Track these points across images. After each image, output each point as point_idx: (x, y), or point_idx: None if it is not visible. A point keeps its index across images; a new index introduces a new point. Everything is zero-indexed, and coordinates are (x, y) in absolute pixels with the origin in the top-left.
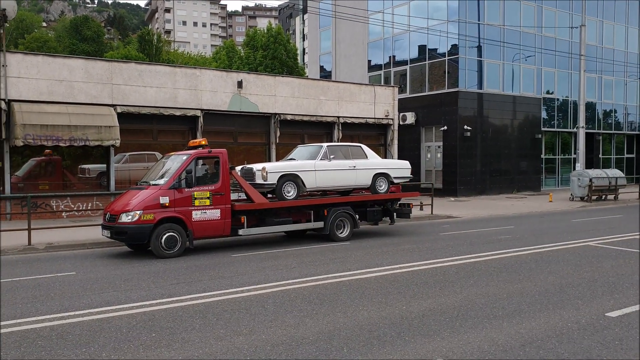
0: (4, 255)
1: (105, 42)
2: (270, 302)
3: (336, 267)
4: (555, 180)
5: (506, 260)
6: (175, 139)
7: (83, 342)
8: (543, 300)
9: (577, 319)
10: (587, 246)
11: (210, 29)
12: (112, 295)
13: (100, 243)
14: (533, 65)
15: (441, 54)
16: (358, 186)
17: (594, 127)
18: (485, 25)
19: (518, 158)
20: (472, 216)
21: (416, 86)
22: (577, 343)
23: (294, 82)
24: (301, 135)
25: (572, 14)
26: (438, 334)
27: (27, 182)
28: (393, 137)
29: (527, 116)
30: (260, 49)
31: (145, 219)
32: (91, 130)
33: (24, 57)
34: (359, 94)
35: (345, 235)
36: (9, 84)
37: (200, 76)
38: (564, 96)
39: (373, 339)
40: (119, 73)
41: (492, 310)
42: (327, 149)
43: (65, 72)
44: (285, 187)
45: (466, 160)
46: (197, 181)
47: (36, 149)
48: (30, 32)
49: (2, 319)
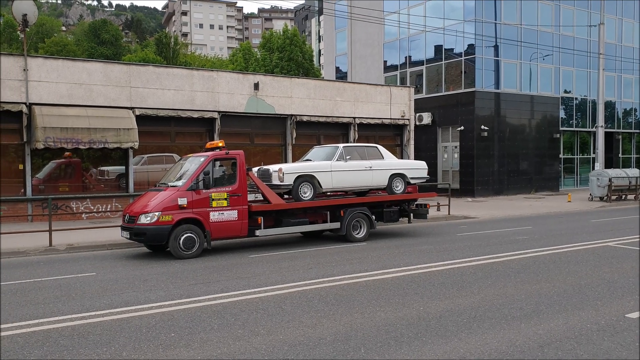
0: (26, 257)
1: (123, 46)
2: (287, 302)
3: (353, 268)
4: (574, 180)
5: (524, 260)
6: (192, 140)
7: (104, 342)
8: (562, 301)
9: (596, 320)
10: (607, 247)
11: (226, 31)
12: (131, 296)
13: (119, 244)
14: (551, 64)
15: (457, 53)
16: (374, 187)
17: (613, 127)
18: (502, 25)
19: (536, 158)
20: (489, 217)
21: (432, 86)
22: (597, 345)
23: (309, 83)
24: (317, 136)
25: (590, 12)
26: (456, 335)
27: (47, 184)
28: (409, 137)
29: (545, 116)
30: (276, 50)
31: (163, 220)
32: (110, 133)
33: (45, 61)
34: (375, 94)
35: (362, 235)
36: (30, 88)
37: (217, 78)
38: (582, 95)
39: (390, 339)
40: (137, 76)
41: (510, 311)
42: (343, 149)
43: (84, 76)
44: (302, 187)
45: (483, 160)
46: (214, 182)
47: (56, 152)
48: (50, 36)
49: (26, 318)
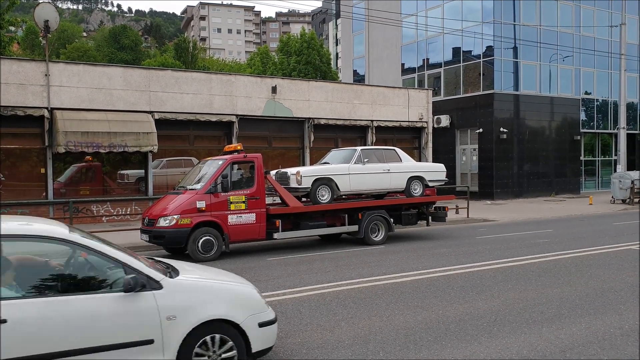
0: None
1: (142, 51)
2: (305, 305)
3: (371, 271)
4: (595, 183)
5: (545, 264)
6: (211, 144)
7: None
8: (584, 305)
9: (619, 324)
10: (630, 250)
11: (244, 35)
12: None
13: (139, 247)
14: (571, 65)
15: (476, 55)
16: (392, 189)
17: (635, 128)
18: (521, 26)
19: (556, 160)
20: (509, 220)
21: (450, 89)
22: (620, 349)
23: (327, 86)
24: (335, 139)
25: (611, 12)
26: (476, 339)
27: (68, 187)
28: (427, 140)
29: (565, 117)
30: (293, 54)
31: (182, 223)
32: (130, 137)
33: (66, 67)
34: (393, 97)
35: (380, 238)
36: (51, 93)
37: (235, 82)
38: (603, 97)
39: (409, 343)
40: (156, 80)
41: (531, 315)
42: (361, 152)
43: (104, 80)
44: (320, 190)
45: (502, 162)
46: (232, 186)
47: (77, 156)
48: (71, 42)
49: None
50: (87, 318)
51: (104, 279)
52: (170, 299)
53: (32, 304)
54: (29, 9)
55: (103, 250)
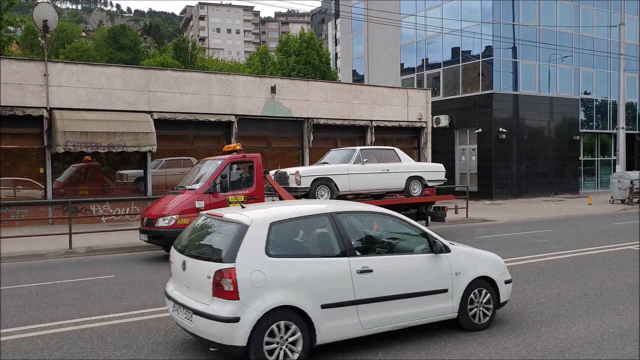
0: (46, 259)
1: (141, 50)
2: None
3: None
4: (595, 183)
5: (544, 264)
6: (210, 144)
7: (122, 344)
8: (583, 305)
9: (618, 324)
10: (629, 250)
11: (243, 35)
12: (150, 298)
13: (138, 247)
14: (570, 65)
15: (475, 55)
16: (391, 189)
17: (634, 128)
18: (520, 26)
19: (555, 160)
20: (508, 220)
21: (449, 89)
22: (620, 350)
23: (326, 86)
24: (334, 139)
25: (610, 12)
26: (475, 339)
27: (67, 187)
28: (426, 140)
29: (564, 117)
30: (293, 54)
31: (181, 223)
32: (129, 137)
33: (65, 67)
34: (392, 97)
35: None
36: (50, 93)
37: (234, 82)
38: (602, 97)
39: (408, 343)
40: (155, 80)
41: (530, 315)
42: (360, 152)
43: (103, 80)
44: (319, 190)
45: (502, 162)
46: (231, 185)
47: (76, 156)
48: (70, 42)
49: (45, 320)
50: (410, 271)
51: (417, 244)
52: (455, 260)
53: (383, 260)
54: (27, 8)
55: (417, 225)
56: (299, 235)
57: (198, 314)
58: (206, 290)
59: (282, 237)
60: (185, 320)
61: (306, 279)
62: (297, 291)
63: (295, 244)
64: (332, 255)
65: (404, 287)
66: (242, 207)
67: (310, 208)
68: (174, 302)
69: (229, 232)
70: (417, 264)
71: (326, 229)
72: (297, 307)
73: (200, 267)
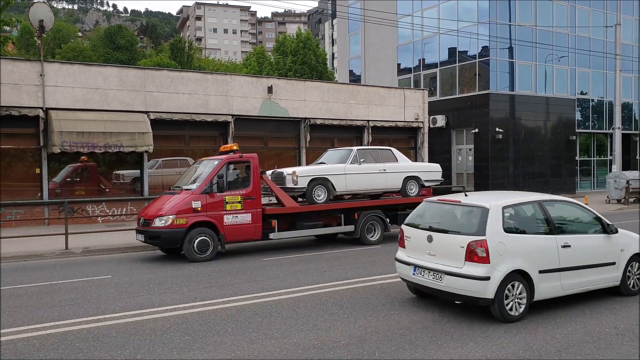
0: (42, 260)
1: (138, 51)
2: (301, 305)
3: (367, 271)
4: (591, 183)
5: None
6: (206, 144)
7: (118, 344)
8: (579, 304)
9: (615, 324)
10: None
11: (240, 35)
12: (146, 299)
13: (134, 247)
14: (566, 65)
15: (471, 56)
16: (388, 189)
17: (630, 128)
18: (517, 26)
19: (552, 160)
20: None
21: (446, 89)
22: (616, 349)
23: (323, 86)
24: (331, 139)
25: (606, 12)
26: (472, 339)
27: (63, 187)
28: (423, 140)
29: (560, 117)
30: (289, 54)
31: (178, 223)
32: (125, 137)
33: (61, 67)
34: (389, 97)
35: (376, 238)
36: (46, 93)
37: (231, 82)
38: (599, 97)
39: (405, 343)
40: (152, 80)
41: (527, 315)
42: (357, 152)
43: (100, 80)
44: (316, 190)
45: (498, 162)
46: (228, 186)
47: (72, 156)
48: (67, 42)
49: (42, 321)
50: (593, 247)
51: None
52: (620, 240)
53: (576, 238)
54: (23, 8)
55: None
56: (520, 217)
57: (450, 274)
58: (458, 256)
59: (510, 218)
60: (433, 280)
61: (529, 250)
62: (524, 259)
63: (518, 223)
64: (543, 233)
65: (589, 259)
66: (465, 195)
67: (523, 197)
68: (414, 267)
69: (474, 214)
70: (598, 241)
71: (535, 213)
72: (525, 271)
73: (451, 239)
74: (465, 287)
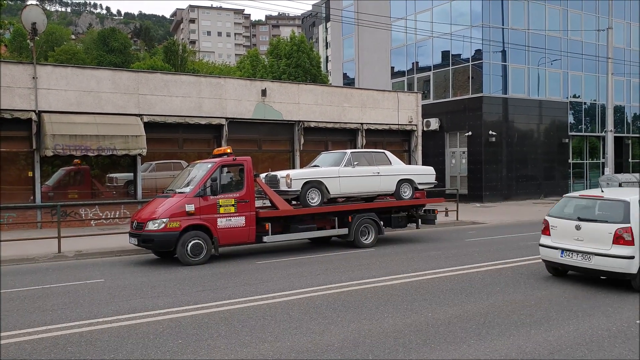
0: (35, 263)
1: (131, 53)
2: (295, 309)
3: (361, 274)
4: (584, 185)
5: (534, 266)
6: (200, 147)
7: (111, 349)
8: (572, 307)
9: (607, 326)
10: None
11: (234, 38)
12: (139, 302)
13: (127, 250)
14: (559, 69)
15: (465, 59)
16: (382, 192)
17: (622, 131)
18: (510, 30)
19: (545, 163)
20: (498, 222)
21: (440, 92)
22: (608, 351)
23: (317, 89)
24: (325, 142)
25: (598, 16)
26: (464, 342)
27: (56, 191)
28: (417, 143)
29: (553, 121)
30: (283, 57)
31: (171, 226)
32: (118, 140)
33: (54, 69)
34: (382, 100)
35: (370, 241)
36: (39, 96)
37: (225, 85)
38: (591, 100)
39: (398, 346)
40: (145, 83)
41: (520, 318)
42: (350, 155)
43: (93, 83)
44: (310, 193)
45: (492, 165)
46: (222, 189)
47: (65, 159)
48: (60, 44)
49: (34, 325)
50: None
51: None
52: None
53: None
54: (16, 11)
55: None
56: None
57: (599, 255)
58: (606, 241)
59: None
60: (583, 260)
61: None
62: None
63: None
64: None
65: None
66: (602, 191)
67: None
68: (562, 250)
69: (617, 206)
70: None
71: None
72: None
73: (599, 227)
74: (613, 265)
